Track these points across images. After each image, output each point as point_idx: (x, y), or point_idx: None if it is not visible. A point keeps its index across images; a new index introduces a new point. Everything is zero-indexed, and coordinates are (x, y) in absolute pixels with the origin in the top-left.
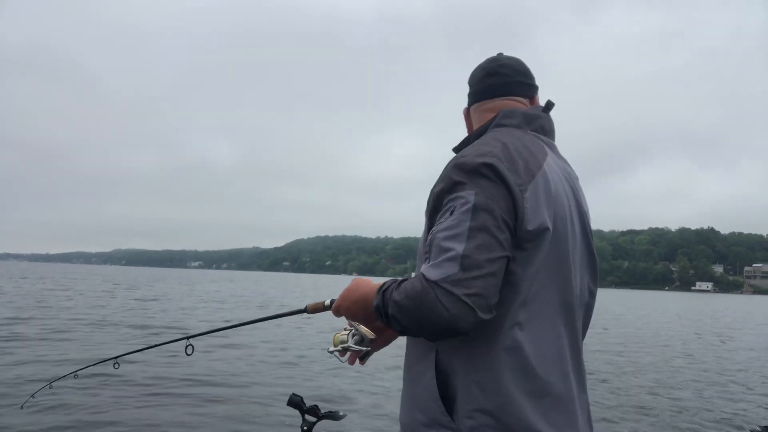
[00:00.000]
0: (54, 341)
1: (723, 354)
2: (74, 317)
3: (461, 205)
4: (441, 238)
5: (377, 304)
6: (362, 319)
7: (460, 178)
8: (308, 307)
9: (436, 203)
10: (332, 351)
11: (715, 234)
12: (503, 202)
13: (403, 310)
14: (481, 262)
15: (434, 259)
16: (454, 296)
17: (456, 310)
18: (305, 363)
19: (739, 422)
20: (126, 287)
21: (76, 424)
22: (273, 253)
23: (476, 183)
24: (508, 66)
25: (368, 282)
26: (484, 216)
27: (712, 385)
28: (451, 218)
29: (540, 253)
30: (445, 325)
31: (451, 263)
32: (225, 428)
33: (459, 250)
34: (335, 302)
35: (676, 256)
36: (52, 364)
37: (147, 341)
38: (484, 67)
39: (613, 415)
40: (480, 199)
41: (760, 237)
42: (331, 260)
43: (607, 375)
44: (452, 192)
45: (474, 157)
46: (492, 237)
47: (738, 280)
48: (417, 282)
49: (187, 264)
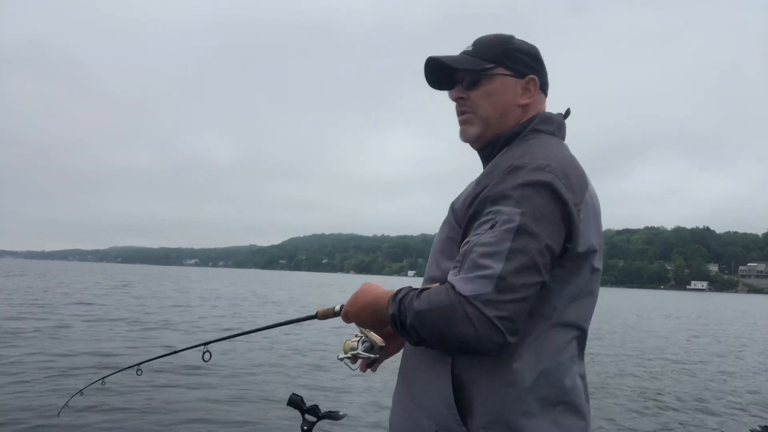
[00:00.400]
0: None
1: (722, 354)
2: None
3: (504, 222)
4: (478, 253)
5: (393, 313)
6: (371, 325)
7: (510, 190)
8: (319, 312)
9: (478, 208)
10: (342, 358)
11: (710, 233)
12: (553, 225)
13: (424, 322)
14: (517, 285)
15: (467, 272)
16: (484, 316)
17: (484, 330)
18: (305, 363)
19: (739, 422)
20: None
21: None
22: (269, 251)
23: (527, 200)
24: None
25: (377, 287)
26: (526, 239)
27: (712, 385)
28: (491, 233)
29: (582, 274)
30: (471, 343)
31: (486, 281)
32: (225, 428)
33: (496, 270)
34: (344, 308)
35: (672, 255)
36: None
37: (152, 342)
38: (533, 46)
39: (612, 415)
40: (525, 221)
41: (755, 236)
42: (327, 258)
43: (607, 374)
44: (496, 203)
45: (532, 171)
46: (531, 261)
47: (733, 279)
48: (444, 294)
49: (183, 261)
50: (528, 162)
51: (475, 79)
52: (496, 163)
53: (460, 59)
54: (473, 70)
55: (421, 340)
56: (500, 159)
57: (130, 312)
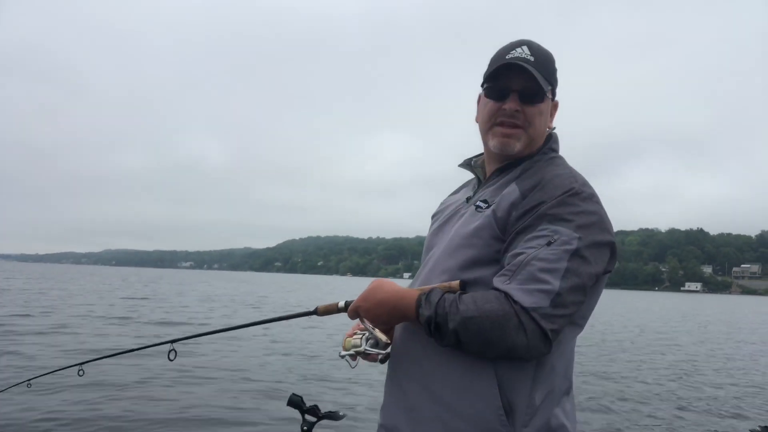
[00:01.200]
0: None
1: (722, 353)
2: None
3: (562, 243)
4: (538, 267)
5: (429, 315)
6: (384, 321)
7: (570, 215)
8: (319, 308)
9: (534, 222)
10: (344, 355)
11: (704, 235)
12: (601, 254)
13: (471, 328)
14: (568, 303)
15: (524, 283)
16: (540, 328)
17: (536, 341)
18: (306, 362)
19: (739, 422)
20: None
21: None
22: (264, 254)
23: (584, 228)
24: None
25: (392, 284)
26: (580, 263)
27: (712, 384)
28: (549, 250)
29: (602, 285)
30: (519, 352)
31: (544, 295)
32: (225, 428)
33: (555, 286)
34: (354, 303)
35: (666, 256)
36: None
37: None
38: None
39: (612, 414)
40: (581, 245)
41: (748, 238)
42: (323, 261)
43: (607, 374)
44: (555, 223)
45: (587, 200)
46: (582, 283)
47: (726, 281)
48: (496, 302)
49: (177, 264)
50: (582, 190)
51: (538, 98)
52: (542, 179)
53: (539, 74)
54: (541, 88)
55: (460, 344)
56: (540, 174)
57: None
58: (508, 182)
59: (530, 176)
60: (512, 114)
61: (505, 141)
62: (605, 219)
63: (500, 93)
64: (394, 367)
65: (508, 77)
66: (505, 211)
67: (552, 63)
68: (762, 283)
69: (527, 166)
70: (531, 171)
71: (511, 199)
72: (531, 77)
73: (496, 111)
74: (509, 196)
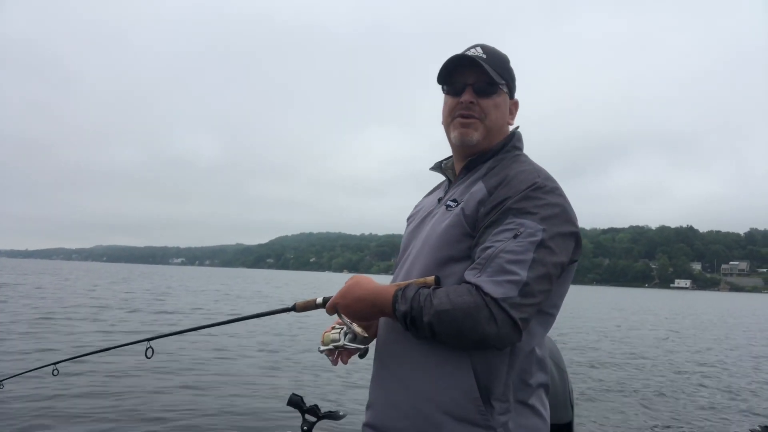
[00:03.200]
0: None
1: (721, 353)
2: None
3: (528, 235)
4: (505, 259)
5: (405, 310)
6: (363, 317)
7: (534, 208)
8: (297, 305)
9: (500, 217)
10: (323, 350)
11: (693, 232)
12: (566, 244)
13: (444, 320)
14: (536, 292)
15: (494, 275)
16: (509, 317)
17: (506, 329)
18: (305, 362)
19: (739, 422)
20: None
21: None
22: (256, 250)
23: (548, 220)
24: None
25: (370, 280)
26: (546, 253)
27: (712, 384)
28: (515, 242)
29: (571, 275)
30: (491, 341)
31: (513, 286)
32: (226, 428)
33: (522, 277)
34: (332, 299)
35: (656, 253)
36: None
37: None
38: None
39: (611, 414)
40: (546, 237)
41: (737, 236)
42: (315, 257)
43: (604, 373)
44: (519, 216)
45: (550, 192)
46: (548, 272)
47: (715, 278)
48: (467, 294)
49: (169, 261)
50: (545, 184)
51: (491, 90)
52: (506, 176)
53: (491, 68)
54: (494, 81)
55: (435, 335)
56: (505, 171)
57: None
58: (475, 181)
59: (496, 174)
60: (468, 106)
61: (463, 131)
62: (569, 210)
63: (457, 89)
64: (378, 366)
65: (462, 74)
66: (473, 209)
67: (505, 62)
68: (750, 280)
69: (492, 165)
70: (496, 169)
71: (478, 197)
72: (483, 71)
73: (455, 105)
74: (476, 194)
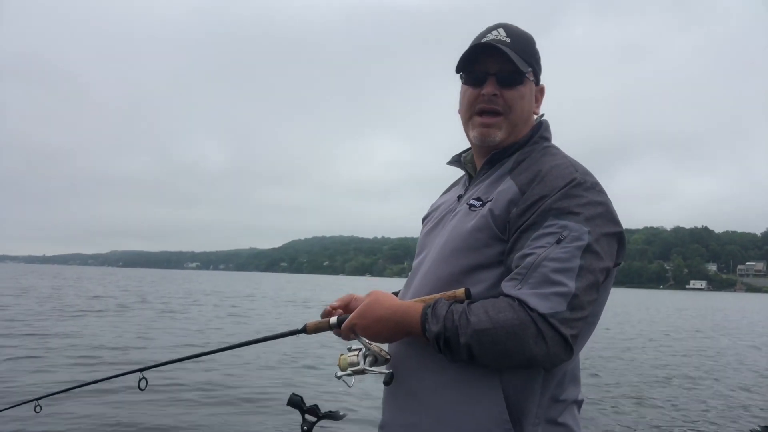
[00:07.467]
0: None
1: (721, 353)
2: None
3: (573, 239)
4: (550, 268)
5: (438, 331)
6: (385, 338)
7: (576, 207)
8: (308, 326)
9: (538, 219)
10: (341, 376)
11: (708, 233)
12: (611, 246)
13: (485, 341)
14: (585, 303)
15: (538, 287)
16: (560, 335)
17: (556, 348)
18: (305, 362)
19: (739, 422)
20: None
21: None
22: (270, 254)
23: (593, 220)
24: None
25: (390, 297)
26: (592, 258)
27: (711, 384)
28: (560, 248)
29: (612, 279)
30: (540, 361)
31: (561, 299)
32: (225, 428)
33: (571, 288)
34: (349, 319)
35: (671, 255)
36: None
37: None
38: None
39: (610, 414)
40: (592, 239)
41: (753, 236)
42: (328, 261)
43: (603, 372)
44: (561, 218)
45: (591, 189)
46: (596, 280)
47: (731, 279)
48: (510, 310)
49: (184, 265)
50: (585, 179)
51: (516, 79)
52: (539, 171)
53: (516, 55)
54: (519, 69)
55: (471, 358)
56: (537, 166)
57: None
58: (501, 176)
59: (525, 169)
60: (490, 99)
61: (485, 131)
62: (611, 208)
63: (477, 78)
64: (400, 386)
65: (484, 61)
66: (503, 209)
67: (531, 44)
68: (767, 281)
69: (519, 158)
70: (525, 163)
71: (509, 196)
72: (507, 59)
73: (475, 98)
74: (506, 193)
